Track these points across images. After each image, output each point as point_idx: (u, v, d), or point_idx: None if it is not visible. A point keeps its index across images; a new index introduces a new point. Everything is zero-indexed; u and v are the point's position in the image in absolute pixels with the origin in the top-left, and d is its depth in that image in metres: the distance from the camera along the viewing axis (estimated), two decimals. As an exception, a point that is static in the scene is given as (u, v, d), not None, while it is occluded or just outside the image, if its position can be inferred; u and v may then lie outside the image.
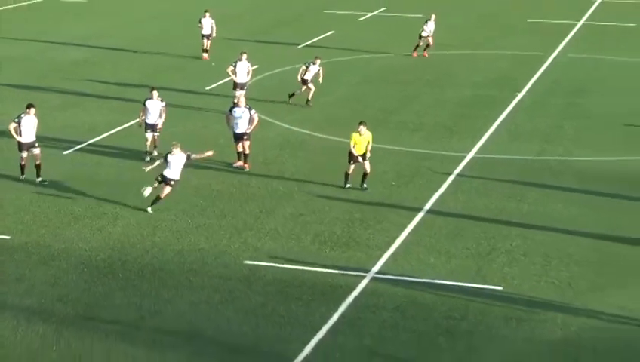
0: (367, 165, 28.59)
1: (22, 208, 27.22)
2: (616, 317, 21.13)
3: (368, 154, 28.59)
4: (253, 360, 19.24)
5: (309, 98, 38.28)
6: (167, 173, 26.54)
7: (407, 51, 49.05)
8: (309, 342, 19.81)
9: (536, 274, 23.45)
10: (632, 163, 32.09)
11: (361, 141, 28.36)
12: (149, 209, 26.84)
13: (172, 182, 26.71)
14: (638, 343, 20.19)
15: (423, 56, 48.27)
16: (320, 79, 38.04)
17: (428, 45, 48.55)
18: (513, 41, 53.02)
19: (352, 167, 28.56)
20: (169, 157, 26.59)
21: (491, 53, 48.98)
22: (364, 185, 28.74)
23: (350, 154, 28.51)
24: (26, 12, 62.90)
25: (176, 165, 26.58)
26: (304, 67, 38.25)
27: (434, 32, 48.48)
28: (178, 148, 26.62)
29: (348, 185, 28.82)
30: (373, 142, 28.69)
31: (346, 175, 28.80)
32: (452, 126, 36.04)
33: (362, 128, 28.46)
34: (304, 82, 38.08)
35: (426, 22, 48.51)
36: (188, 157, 26.71)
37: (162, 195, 26.69)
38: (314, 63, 38.31)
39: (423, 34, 48.35)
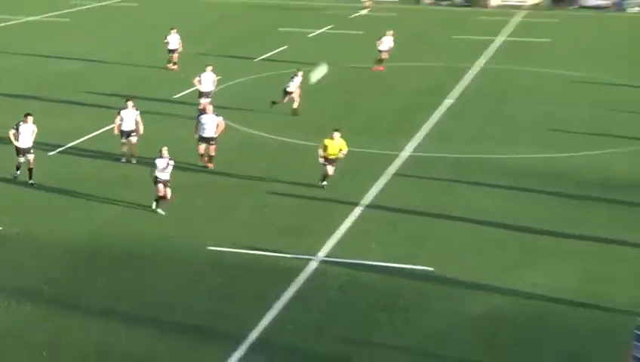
0: (332, 169, 28.38)
1: (13, 203, 27.16)
2: (531, 294, 21.49)
3: (341, 155, 28.36)
4: (216, 333, 19.35)
5: (294, 107, 37.74)
6: (161, 176, 26.38)
7: (353, 64, 49.16)
8: (265, 317, 20.01)
9: (463, 257, 23.74)
10: (545, 160, 32.46)
11: (333, 146, 28.14)
12: (159, 210, 26.62)
13: (167, 183, 26.53)
14: (550, 315, 20.53)
15: (379, 69, 47.85)
16: (294, 94, 37.67)
17: (380, 60, 47.98)
18: (442, 55, 53.20)
19: (330, 168, 28.40)
20: (158, 160, 26.42)
21: (424, 66, 49.20)
22: (324, 183, 28.59)
23: (322, 157, 28.27)
24: (19, 29, 62.31)
25: (165, 166, 26.46)
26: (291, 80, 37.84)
27: (391, 48, 48.15)
28: (166, 152, 26.52)
29: (324, 183, 28.62)
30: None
31: (324, 172, 28.50)
32: (392, 129, 36.19)
33: (336, 134, 28.30)
34: (287, 93, 37.64)
35: (380, 38, 48.10)
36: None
37: (167, 196, 26.43)
38: (296, 75, 37.93)
39: (381, 48, 47.95)
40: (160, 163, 26.33)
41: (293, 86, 37.67)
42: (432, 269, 22.88)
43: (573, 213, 27.12)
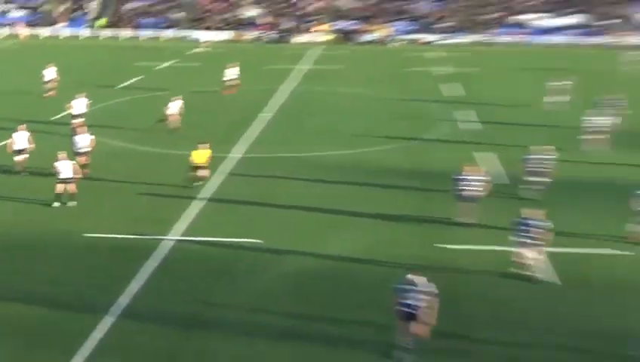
0: (205, 172, 28.32)
1: None
2: (336, 256, 22.23)
3: (209, 161, 28.35)
4: (94, 302, 19.28)
5: (173, 128, 37.05)
6: (62, 175, 26.08)
7: (195, 88, 48.84)
8: (134, 286, 20.11)
9: (285, 231, 24.21)
10: (342, 155, 33.16)
11: (200, 155, 28.04)
12: (70, 203, 26.45)
13: (70, 180, 26.25)
14: (351, 271, 21.26)
15: (229, 92, 47.33)
16: (169, 117, 37.06)
17: (230, 86, 47.63)
18: (262, 80, 53.42)
19: (197, 173, 28.20)
20: (57, 164, 26.20)
21: (250, 89, 49.20)
22: (198, 182, 28.33)
23: (191, 166, 28.15)
24: None
25: (65, 168, 26.09)
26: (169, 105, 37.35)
27: (238, 76, 48.09)
28: (65, 155, 26.47)
29: (195, 184, 28.24)
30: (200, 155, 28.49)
31: (192, 177, 28.27)
32: (228, 137, 36.12)
33: (200, 146, 28.27)
34: (166, 116, 37.06)
35: (226, 70, 47.95)
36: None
37: (72, 190, 26.33)
38: (172, 101, 37.31)
39: (225, 78, 47.53)
40: (64, 166, 26.11)
41: (171, 110, 37.12)
42: (261, 241, 23.25)
43: (365, 194, 27.99)
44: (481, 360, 16.98)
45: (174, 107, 37.32)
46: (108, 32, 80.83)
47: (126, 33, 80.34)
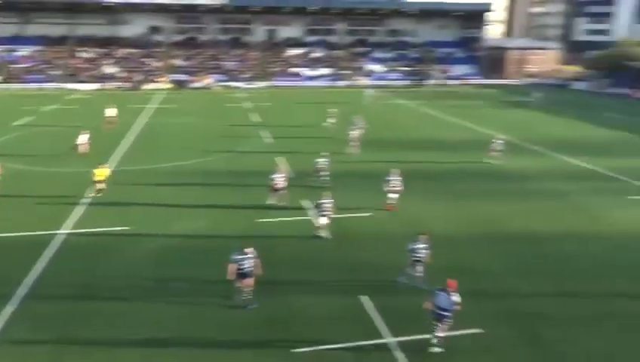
0: (103, 185, 25.65)
1: None
2: (181, 234, 21.10)
3: (106, 177, 25.83)
4: (4, 284, 17.28)
5: (82, 153, 33.21)
6: None
7: (76, 124, 44.82)
8: (38, 268, 18.05)
9: (144, 219, 22.61)
10: (183, 165, 31.62)
11: (100, 172, 25.52)
12: None
13: None
14: (195, 244, 20.28)
15: (110, 126, 43.41)
16: (81, 145, 33.40)
17: (110, 122, 43.74)
18: (123, 115, 49.60)
19: (97, 186, 25.49)
20: None
21: (121, 127, 45.76)
22: (99, 194, 25.57)
23: (94, 180, 25.52)
24: None
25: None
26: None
27: (116, 115, 44.50)
28: None
29: (96, 194, 25.52)
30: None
31: (96, 189, 25.53)
32: (105, 154, 33.07)
33: (101, 166, 26.06)
34: (76, 146, 33.30)
35: (106, 110, 44.25)
36: None
37: None
38: (83, 134, 33.57)
39: (106, 115, 43.80)
40: None
41: (80, 140, 33.56)
42: (129, 228, 21.74)
43: (200, 191, 26.70)
44: (286, 294, 16.95)
45: (83, 138, 33.97)
46: (1, 86, 72.59)
47: (16, 86, 72.54)
